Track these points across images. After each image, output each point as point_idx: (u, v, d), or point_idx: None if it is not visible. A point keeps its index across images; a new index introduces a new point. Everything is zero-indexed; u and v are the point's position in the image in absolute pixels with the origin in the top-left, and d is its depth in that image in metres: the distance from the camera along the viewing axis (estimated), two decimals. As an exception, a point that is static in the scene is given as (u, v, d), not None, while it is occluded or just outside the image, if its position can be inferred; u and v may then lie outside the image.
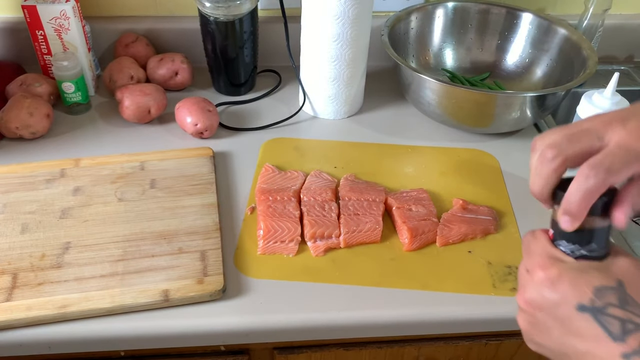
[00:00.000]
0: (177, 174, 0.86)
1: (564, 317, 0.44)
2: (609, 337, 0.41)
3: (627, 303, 0.42)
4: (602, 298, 0.42)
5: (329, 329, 0.70)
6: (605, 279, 0.43)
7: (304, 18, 0.95)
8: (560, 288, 0.44)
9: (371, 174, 0.90)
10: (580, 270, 0.44)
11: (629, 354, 0.40)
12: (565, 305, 0.43)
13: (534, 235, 0.50)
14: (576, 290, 0.43)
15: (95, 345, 0.68)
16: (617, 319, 0.41)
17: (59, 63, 0.95)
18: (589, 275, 0.43)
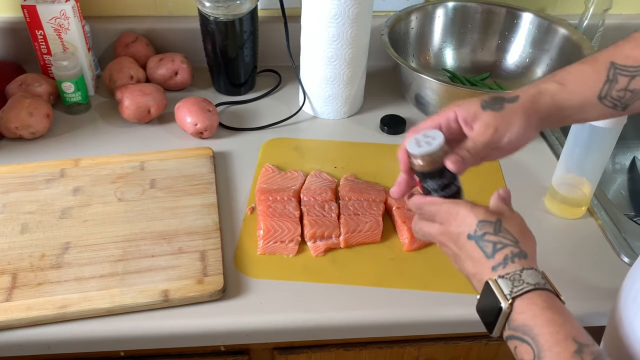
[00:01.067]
0: (177, 174, 0.86)
1: (461, 245, 0.56)
2: (484, 256, 0.54)
3: (500, 231, 0.54)
4: (482, 228, 0.54)
5: (329, 329, 0.70)
6: (488, 215, 0.55)
7: (304, 18, 0.95)
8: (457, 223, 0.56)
9: (371, 174, 0.90)
10: (472, 209, 0.56)
11: (495, 266, 0.53)
12: (462, 235, 0.56)
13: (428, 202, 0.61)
14: (466, 224, 0.55)
15: (95, 345, 0.68)
16: (490, 242, 0.54)
17: (59, 63, 0.95)
18: (478, 212, 0.56)
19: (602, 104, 0.60)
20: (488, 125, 0.58)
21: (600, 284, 0.74)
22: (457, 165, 0.58)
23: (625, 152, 1.18)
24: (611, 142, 0.76)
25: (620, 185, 1.16)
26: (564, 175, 0.82)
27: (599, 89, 0.59)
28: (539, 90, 0.60)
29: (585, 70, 0.60)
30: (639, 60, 0.58)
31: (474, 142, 0.59)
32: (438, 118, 0.62)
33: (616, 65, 0.59)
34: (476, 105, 0.60)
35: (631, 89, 0.59)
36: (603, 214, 0.84)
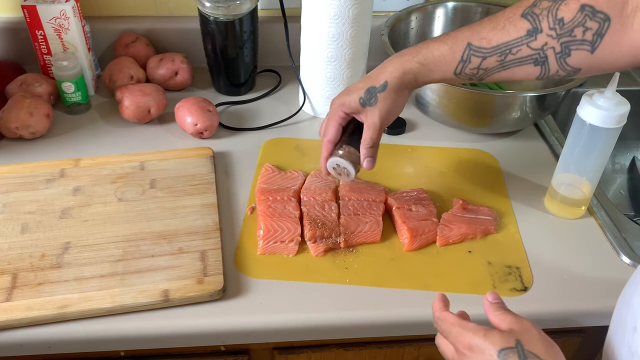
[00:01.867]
0: (177, 174, 0.86)
1: None
2: None
3: (527, 357, 0.50)
4: (506, 359, 0.50)
5: (329, 329, 0.70)
6: (506, 341, 0.51)
7: (304, 18, 0.95)
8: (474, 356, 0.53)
9: (371, 174, 0.90)
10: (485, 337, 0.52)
11: None
12: None
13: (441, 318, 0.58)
14: (486, 356, 0.52)
15: (95, 345, 0.68)
16: None
17: (59, 63, 0.95)
18: (493, 339, 0.52)
19: (459, 78, 0.69)
20: (373, 123, 0.71)
21: (600, 284, 0.74)
22: (373, 164, 0.74)
23: (625, 152, 1.18)
24: (611, 142, 0.76)
25: (620, 185, 1.16)
26: (563, 175, 0.82)
27: (454, 67, 0.68)
28: (403, 71, 0.69)
29: (444, 51, 0.68)
30: (492, 42, 0.65)
31: (371, 139, 0.72)
32: (334, 124, 0.74)
33: (472, 47, 0.66)
34: (356, 102, 0.72)
35: (483, 68, 0.67)
36: (603, 214, 0.84)
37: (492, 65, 0.66)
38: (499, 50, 0.65)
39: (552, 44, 0.62)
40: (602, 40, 0.60)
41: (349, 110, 0.73)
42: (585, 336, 0.78)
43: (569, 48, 0.62)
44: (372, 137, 0.72)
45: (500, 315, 0.55)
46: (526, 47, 0.63)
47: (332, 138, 0.75)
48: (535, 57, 0.64)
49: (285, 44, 1.06)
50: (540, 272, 0.75)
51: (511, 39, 0.64)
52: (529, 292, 0.73)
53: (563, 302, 0.72)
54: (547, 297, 0.72)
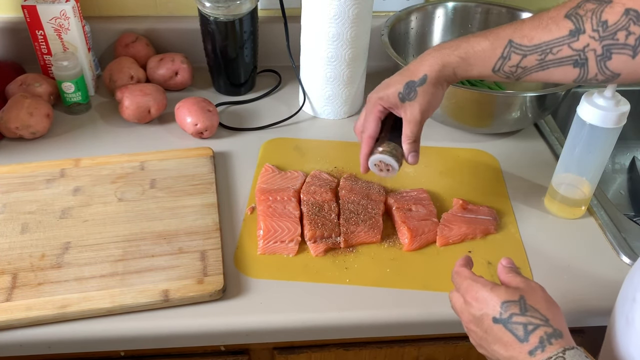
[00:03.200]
0: (177, 174, 0.86)
1: (487, 329, 0.55)
2: (516, 340, 0.52)
3: (527, 310, 0.53)
4: (508, 309, 0.53)
5: (329, 329, 0.70)
6: (511, 295, 0.54)
7: (304, 18, 0.95)
8: (479, 306, 0.56)
9: (371, 174, 0.89)
10: (492, 290, 0.55)
11: (532, 350, 0.51)
12: (486, 318, 0.55)
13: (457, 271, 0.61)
14: (489, 306, 0.55)
15: (95, 345, 0.68)
16: (520, 324, 0.52)
17: (59, 63, 0.95)
18: (499, 292, 0.55)
19: (497, 75, 0.68)
20: (414, 117, 0.71)
21: (600, 284, 0.74)
22: (417, 158, 0.73)
23: (625, 152, 1.18)
24: (611, 142, 0.76)
25: (620, 185, 1.16)
26: (563, 175, 0.82)
27: (493, 63, 0.67)
28: (442, 64, 0.69)
29: (484, 46, 0.67)
30: (534, 40, 0.64)
31: (412, 134, 0.72)
32: (374, 118, 0.74)
33: (513, 44, 0.65)
34: (395, 97, 0.71)
35: (522, 66, 0.66)
36: (603, 213, 0.84)
37: (532, 64, 0.65)
38: (540, 49, 0.64)
39: (593, 45, 0.61)
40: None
41: (387, 105, 0.72)
42: (585, 336, 0.78)
43: (610, 51, 0.60)
44: (414, 132, 0.72)
45: (511, 276, 0.58)
46: (567, 47, 0.62)
47: (373, 133, 0.74)
48: (575, 59, 0.63)
49: (285, 44, 1.06)
50: (540, 272, 0.75)
51: (553, 38, 0.63)
52: (529, 292, 0.72)
53: (563, 302, 0.72)
54: (547, 297, 0.72)
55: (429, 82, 0.70)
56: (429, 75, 0.69)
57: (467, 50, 0.68)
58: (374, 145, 0.74)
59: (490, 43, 0.67)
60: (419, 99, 0.70)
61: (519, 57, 0.65)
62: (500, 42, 0.66)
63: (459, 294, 0.59)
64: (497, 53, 0.66)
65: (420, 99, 0.70)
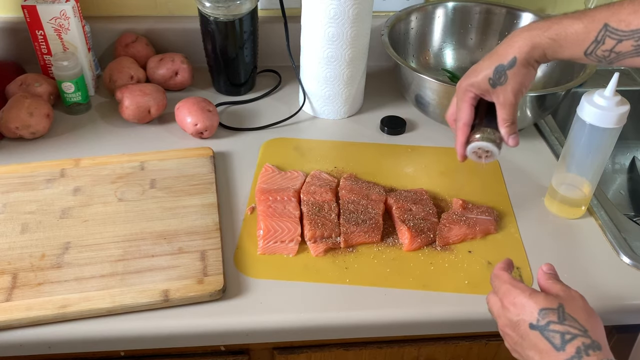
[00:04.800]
0: (177, 174, 0.86)
1: (523, 334, 0.54)
2: (553, 348, 0.51)
3: (566, 319, 0.52)
4: (545, 317, 0.53)
5: (329, 329, 0.70)
6: (549, 302, 0.54)
7: (304, 18, 0.95)
8: (516, 311, 0.55)
9: (371, 174, 0.90)
10: (530, 296, 0.55)
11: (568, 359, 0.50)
12: (523, 324, 0.54)
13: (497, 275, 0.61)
14: (526, 312, 0.54)
15: (95, 345, 0.68)
16: (557, 332, 0.52)
17: (59, 63, 0.95)
18: (538, 299, 0.54)
19: (588, 58, 0.66)
20: (508, 101, 0.70)
21: (600, 284, 0.74)
22: (518, 140, 0.73)
23: (625, 152, 1.18)
24: (611, 142, 0.76)
25: (620, 185, 1.16)
26: (563, 175, 0.82)
27: (586, 47, 0.65)
28: (532, 45, 0.68)
29: (578, 29, 0.65)
30: (632, 26, 0.62)
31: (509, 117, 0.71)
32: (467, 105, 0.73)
33: (608, 27, 0.63)
34: (485, 83, 0.71)
35: (616, 51, 0.64)
36: (603, 214, 0.84)
37: (627, 49, 0.63)
38: (637, 35, 0.62)
39: None
40: None
41: (478, 91, 0.72)
42: (585, 336, 0.78)
43: None
44: (510, 115, 0.71)
45: (551, 283, 0.57)
46: None
47: (468, 120, 0.74)
48: None
49: (285, 44, 1.06)
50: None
51: None
52: (529, 292, 0.72)
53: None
54: (547, 297, 0.72)
55: (519, 63, 0.69)
56: (518, 57, 0.68)
57: (559, 32, 0.66)
58: (470, 133, 0.75)
59: (584, 26, 0.65)
60: (510, 82, 0.69)
61: (614, 41, 0.63)
62: (595, 25, 0.64)
63: (496, 297, 0.59)
64: (591, 36, 0.64)
65: (511, 82, 0.69)
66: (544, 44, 0.67)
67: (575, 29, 0.65)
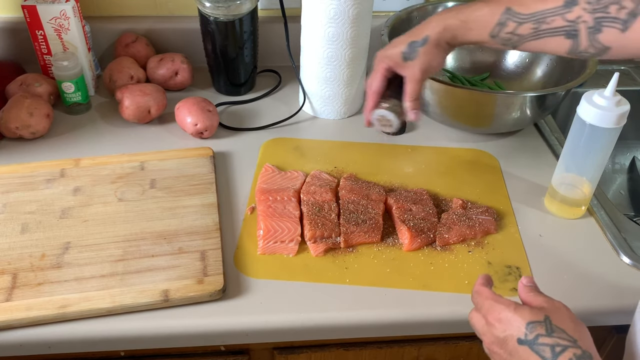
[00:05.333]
0: (177, 174, 0.86)
1: (512, 351, 0.53)
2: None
3: (554, 331, 0.51)
4: (533, 330, 0.52)
5: (329, 329, 0.70)
6: (536, 315, 0.53)
7: (304, 18, 0.95)
8: (502, 327, 0.54)
9: (371, 174, 0.90)
10: (515, 311, 0.53)
11: None
12: (510, 340, 0.53)
13: (477, 291, 0.59)
14: (513, 327, 0.53)
15: (95, 345, 0.68)
16: (547, 345, 0.51)
17: (59, 63, 0.95)
18: (523, 313, 0.53)
19: (494, 40, 0.70)
20: (414, 76, 0.74)
21: (600, 284, 0.74)
22: (418, 115, 0.77)
23: (625, 152, 1.18)
24: (611, 142, 0.76)
25: (620, 185, 1.16)
26: (563, 175, 0.82)
27: (491, 29, 0.69)
28: (444, 27, 0.72)
29: (484, 12, 0.70)
30: (530, 9, 0.67)
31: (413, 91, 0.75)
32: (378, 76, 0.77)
33: (510, 11, 0.68)
34: (398, 56, 0.74)
35: (518, 34, 0.68)
36: (603, 214, 0.84)
37: (527, 32, 0.67)
38: (535, 18, 0.66)
39: (585, 17, 0.63)
40: (635, 21, 0.61)
41: (391, 63, 0.75)
42: (585, 336, 0.78)
43: (601, 24, 0.62)
44: (415, 90, 0.75)
45: (532, 296, 0.57)
46: (560, 18, 0.65)
47: (377, 89, 0.77)
48: (567, 30, 0.65)
49: (285, 44, 1.06)
50: (540, 272, 0.75)
51: (548, 7, 0.65)
52: (529, 292, 0.72)
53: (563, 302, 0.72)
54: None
55: (430, 43, 0.72)
56: (431, 36, 0.72)
57: (468, 15, 0.71)
58: (379, 102, 0.78)
59: (489, 9, 0.69)
60: (420, 59, 0.73)
61: (515, 24, 0.68)
62: (499, 8, 0.68)
63: (480, 314, 0.57)
64: (495, 19, 0.68)
65: (421, 59, 0.73)
66: (454, 26, 0.71)
67: (482, 12, 0.70)
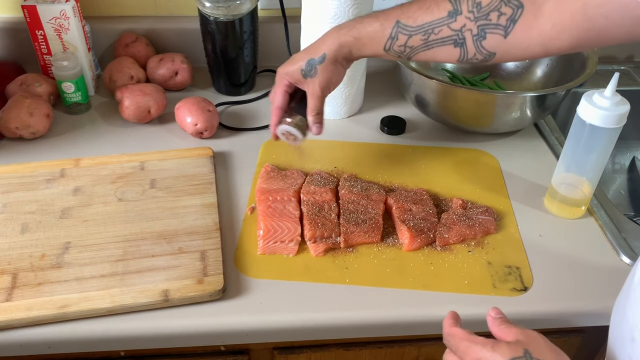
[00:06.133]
0: (177, 174, 0.86)
1: None
2: None
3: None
4: None
5: (329, 329, 0.70)
6: (515, 351, 0.50)
7: (304, 18, 0.95)
8: None
9: (371, 174, 0.90)
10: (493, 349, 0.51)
11: None
12: None
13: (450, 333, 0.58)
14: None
15: (95, 345, 0.68)
16: None
17: (59, 63, 0.95)
18: (502, 350, 0.51)
19: (389, 54, 0.73)
20: (315, 92, 0.76)
21: (600, 284, 0.74)
22: (320, 129, 0.80)
23: (625, 152, 1.18)
24: (611, 142, 0.76)
25: (620, 185, 1.16)
26: (563, 175, 0.82)
27: (384, 43, 0.72)
28: (339, 44, 0.73)
29: (375, 27, 0.71)
30: (418, 21, 0.69)
31: (315, 107, 0.77)
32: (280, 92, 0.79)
33: (399, 24, 0.70)
34: (298, 74, 0.76)
35: (409, 46, 0.71)
36: (603, 214, 0.84)
37: (417, 44, 0.70)
38: (423, 30, 0.68)
39: (469, 26, 0.66)
40: (515, 26, 0.64)
41: (292, 80, 0.77)
42: (585, 336, 0.78)
43: (484, 31, 0.65)
44: (317, 106, 0.77)
45: (505, 329, 0.55)
46: (447, 27, 0.67)
47: (280, 105, 0.79)
48: (454, 39, 0.68)
49: (285, 44, 1.06)
50: (540, 272, 0.75)
51: (434, 19, 0.68)
52: (529, 292, 0.73)
53: (563, 302, 0.72)
54: (547, 297, 0.72)
55: (328, 60, 0.74)
56: (328, 54, 0.74)
57: (360, 31, 0.72)
58: (284, 116, 0.80)
59: (380, 24, 0.71)
60: (319, 76, 0.75)
61: (405, 37, 0.70)
62: (389, 22, 0.70)
63: (456, 356, 0.56)
64: (386, 33, 0.70)
65: (320, 76, 0.75)
66: (349, 43, 0.73)
67: (373, 27, 0.71)
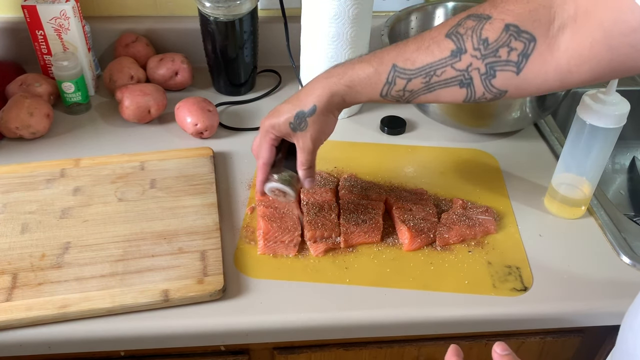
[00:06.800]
0: (177, 174, 0.86)
1: None
2: None
3: None
4: None
5: (329, 329, 0.70)
6: None
7: (304, 18, 0.95)
8: None
9: (371, 174, 0.90)
10: None
11: None
12: None
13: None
14: None
15: (95, 345, 0.68)
16: None
17: (59, 63, 0.95)
18: None
19: (386, 99, 0.67)
20: (306, 146, 0.71)
21: (600, 284, 0.74)
22: (313, 182, 0.74)
23: (625, 152, 1.18)
24: (611, 142, 0.76)
25: (620, 185, 1.16)
26: (563, 175, 0.82)
27: (380, 89, 0.66)
28: (330, 94, 0.68)
29: (369, 73, 0.65)
30: (417, 64, 0.63)
31: (306, 161, 0.72)
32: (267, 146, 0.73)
33: (396, 68, 0.64)
34: (286, 127, 0.70)
35: (409, 90, 0.65)
36: (603, 214, 0.84)
37: (418, 87, 0.64)
38: (424, 72, 0.62)
39: (476, 64, 0.60)
40: (528, 61, 0.58)
41: (279, 134, 0.72)
42: (585, 336, 0.78)
43: (494, 69, 0.59)
44: (308, 160, 0.72)
45: None
46: (450, 68, 0.61)
47: (267, 160, 0.74)
48: (460, 79, 0.61)
49: (285, 44, 1.06)
50: (540, 272, 0.75)
51: (435, 59, 0.61)
52: (529, 292, 0.73)
53: (563, 302, 0.72)
54: (547, 297, 0.72)
55: (319, 112, 0.69)
56: (318, 105, 0.68)
57: (353, 78, 0.66)
58: (270, 171, 0.74)
59: (374, 69, 0.65)
60: (310, 129, 0.70)
61: (404, 81, 0.64)
62: (385, 67, 0.64)
63: None
64: (382, 79, 0.65)
65: (311, 129, 0.70)
66: (342, 91, 0.67)
67: (367, 73, 0.65)
